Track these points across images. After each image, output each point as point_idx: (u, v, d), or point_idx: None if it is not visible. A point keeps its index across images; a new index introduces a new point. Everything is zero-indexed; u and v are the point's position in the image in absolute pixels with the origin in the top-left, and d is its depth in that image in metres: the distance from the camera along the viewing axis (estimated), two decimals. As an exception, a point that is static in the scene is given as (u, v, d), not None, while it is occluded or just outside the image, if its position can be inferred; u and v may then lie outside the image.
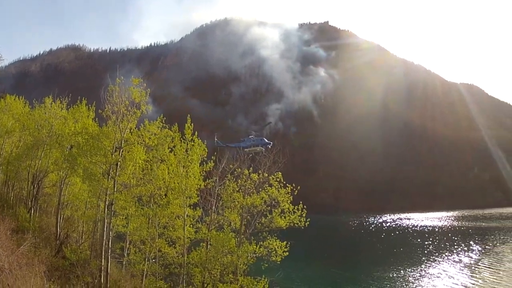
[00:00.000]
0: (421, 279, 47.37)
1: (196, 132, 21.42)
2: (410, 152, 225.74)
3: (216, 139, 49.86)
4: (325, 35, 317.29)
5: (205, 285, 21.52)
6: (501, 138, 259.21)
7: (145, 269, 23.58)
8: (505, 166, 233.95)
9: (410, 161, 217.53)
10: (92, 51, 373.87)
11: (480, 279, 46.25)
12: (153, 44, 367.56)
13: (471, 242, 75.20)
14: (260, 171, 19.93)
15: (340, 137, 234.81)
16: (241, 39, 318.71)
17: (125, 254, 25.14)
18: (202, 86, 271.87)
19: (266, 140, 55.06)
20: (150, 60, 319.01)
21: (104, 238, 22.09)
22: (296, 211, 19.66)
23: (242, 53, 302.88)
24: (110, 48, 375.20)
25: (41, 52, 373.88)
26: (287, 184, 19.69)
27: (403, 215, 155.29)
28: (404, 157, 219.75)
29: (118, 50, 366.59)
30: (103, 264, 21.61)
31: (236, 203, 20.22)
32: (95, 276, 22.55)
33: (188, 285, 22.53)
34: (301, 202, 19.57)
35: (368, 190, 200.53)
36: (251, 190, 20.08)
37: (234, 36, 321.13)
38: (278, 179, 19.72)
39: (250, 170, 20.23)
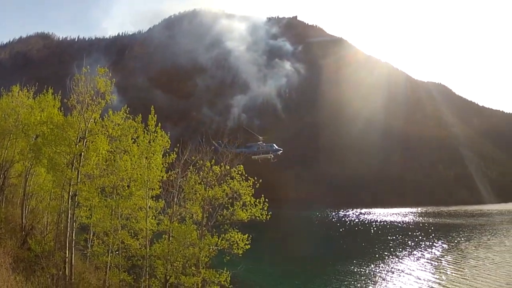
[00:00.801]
0: (384, 275, 46.80)
1: (159, 123, 21.24)
2: (377, 148, 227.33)
3: (217, 143, 46.45)
4: (293, 29, 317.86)
5: (168, 277, 21.31)
6: (468, 137, 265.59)
7: (109, 261, 23.25)
8: (471, 164, 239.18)
9: (378, 158, 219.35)
10: (61, 39, 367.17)
11: (444, 275, 46.03)
12: (121, 33, 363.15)
13: (435, 239, 75.32)
14: (222, 164, 19.77)
15: (303, 131, 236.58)
16: (209, 30, 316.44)
17: (89, 246, 24.74)
18: (167, 77, 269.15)
19: (276, 147, 51.34)
20: (118, 50, 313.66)
21: (68, 230, 21.64)
22: (257, 204, 19.49)
23: (209, 44, 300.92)
24: (78, 37, 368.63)
25: (11, 40, 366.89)
26: (249, 177, 19.70)
27: (369, 210, 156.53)
28: (370, 154, 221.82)
29: (87, 39, 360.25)
30: (67, 256, 21.14)
31: (198, 195, 19.86)
32: (60, 268, 22.07)
33: (150, 277, 22.31)
34: (263, 195, 19.58)
35: (334, 185, 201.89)
36: (213, 183, 19.89)
37: (201, 27, 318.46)
38: (240, 172, 19.54)
39: (212, 162, 19.92)
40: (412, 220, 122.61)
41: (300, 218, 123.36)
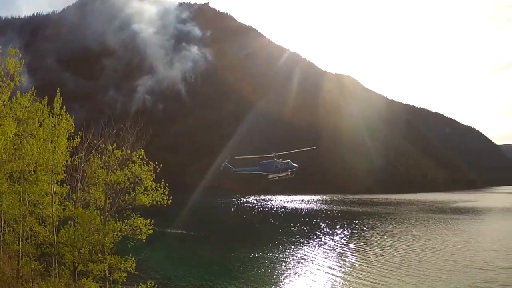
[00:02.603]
0: (288, 263, 45.94)
1: (64, 106, 20.54)
2: (284, 138, 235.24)
3: (225, 163, 44.01)
4: (203, 15, 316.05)
5: (76, 265, 20.79)
6: (377, 129, 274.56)
7: (20, 250, 22.40)
8: (379, 155, 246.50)
9: (281, 145, 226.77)
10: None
11: (349, 262, 46.33)
12: (35, 13, 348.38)
13: (340, 226, 76.48)
14: (123, 148, 19.12)
15: (206, 117, 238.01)
16: (120, 12, 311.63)
17: (1, 235, 23.87)
18: (77, 59, 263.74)
19: (293, 164, 49.40)
20: (31, 30, 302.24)
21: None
22: (158, 188, 19.07)
23: (119, 27, 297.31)
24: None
25: None
26: (150, 162, 19.13)
27: (274, 197, 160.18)
28: (277, 141, 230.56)
29: (3, 18, 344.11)
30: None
31: (100, 180, 19.10)
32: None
33: (60, 265, 21.68)
34: (163, 180, 19.34)
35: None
36: (115, 167, 19.34)
37: (113, 9, 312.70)
38: (141, 157, 18.94)
39: (114, 146, 19.16)
40: (317, 207, 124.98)
41: (207, 205, 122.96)
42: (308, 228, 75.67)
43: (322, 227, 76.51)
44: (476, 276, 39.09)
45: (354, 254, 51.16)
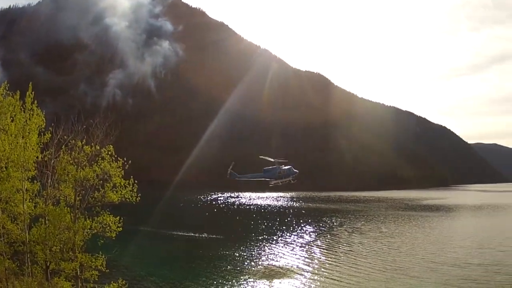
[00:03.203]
0: (256, 260, 45.67)
1: (35, 101, 20.26)
2: (254, 134, 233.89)
3: (231, 170, 44.83)
4: (176, 10, 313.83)
5: (48, 263, 20.44)
6: (346, 126, 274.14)
7: (-7, 249, 22.11)
8: (349, 152, 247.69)
9: (256, 143, 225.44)
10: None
11: (317, 260, 45.83)
12: (11, 5, 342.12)
13: (308, 223, 76.33)
14: (93, 144, 18.92)
15: (176, 113, 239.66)
16: (93, 6, 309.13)
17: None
18: (50, 53, 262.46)
19: (294, 169, 51.31)
20: (7, 22, 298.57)
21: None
22: (127, 185, 18.86)
23: (92, 21, 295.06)
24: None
25: None
26: (119, 158, 18.89)
27: (241, 194, 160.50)
28: (248, 139, 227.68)
29: None
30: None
31: (70, 176, 18.89)
32: None
33: (33, 264, 21.34)
34: (132, 177, 19.03)
35: (210, 168, 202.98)
36: (84, 163, 19.14)
37: (87, 3, 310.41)
38: (110, 153, 18.69)
39: (83, 142, 18.93)
40: (285, 204, 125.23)
41: (179, 202, 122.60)
42: (277, 225, 75.57)
43: (290, 224, 76.23)
44: (448, 273, 38.60)
45: (322, 252, 50.69)
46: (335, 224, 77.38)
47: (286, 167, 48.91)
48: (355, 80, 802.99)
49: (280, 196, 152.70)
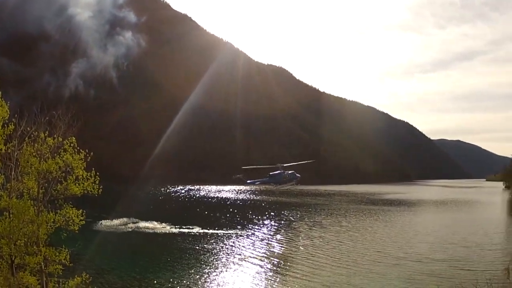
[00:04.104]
0: (216, 254, 44.96)
1: (0, 93, 19.80)
2: (217, 128, 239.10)
3: (238, 175, 46.59)
4: (140, 1, 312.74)
5: (13, 258, 20.18)
6: (307, 121, 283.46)
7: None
8: (309, 146, 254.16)
9: (218, 137, 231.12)
10: None
11: (277, 254, 45.29)
12: None
13: (270, 217, 76.59)
14: (55, 135, 18.65)
15: (139, 106, 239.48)
16: None
17: None
18: (15, 44, 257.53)
19: (296, 174, 52.93)
20: None
21: None
22: (89, 177, 18.85)
23: (57, 11, 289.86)
24: None
25: None
26: (81, 150, 18.71)
27: (206, 187, 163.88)
28: (211, 134, 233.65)
29: None
30: None
31: (33, 169, 18.66)
32: None
33: (-2, 259, 20.98)
34: (93, 169, 19.05)
35: (175, 162, 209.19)
36: (47, 155, 18.80)
37: None
38: (72, 145, 18.59)
39: (46, 134, 18.73)
40: (245, 197, 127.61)
41: (141, 196, 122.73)
42: (237, 218, 75.89)
43: (249, 217, 76.21)
44: (411, 268, 38.42)
45: (282, 246, 50.19)
46: (295, 217, 77.37)
47: (290, 172, 51.06)
48: (318, 74, 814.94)
49: (241, 190, 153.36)
